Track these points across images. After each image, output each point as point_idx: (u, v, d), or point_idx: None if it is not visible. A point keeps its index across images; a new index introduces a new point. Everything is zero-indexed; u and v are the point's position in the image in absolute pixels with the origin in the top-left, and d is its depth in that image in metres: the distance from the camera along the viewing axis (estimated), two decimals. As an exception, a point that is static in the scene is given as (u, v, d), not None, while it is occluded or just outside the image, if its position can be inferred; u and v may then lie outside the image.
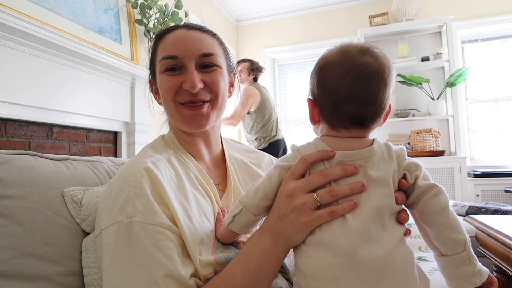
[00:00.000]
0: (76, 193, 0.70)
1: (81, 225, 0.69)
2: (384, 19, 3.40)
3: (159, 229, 0.54)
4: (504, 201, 2.91)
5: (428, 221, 0.53)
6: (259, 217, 0.57)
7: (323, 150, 0.53)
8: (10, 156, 0.66)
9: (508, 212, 1.87)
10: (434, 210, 0.52)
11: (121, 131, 2.15)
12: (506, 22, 3.22)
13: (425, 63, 3.24)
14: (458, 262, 0.51)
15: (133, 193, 0.56)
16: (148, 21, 2.29)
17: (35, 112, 1.57)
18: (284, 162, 0.57)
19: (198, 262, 0.55)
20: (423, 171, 0.54)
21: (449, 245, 0.51)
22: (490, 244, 1.23)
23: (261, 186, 0.57)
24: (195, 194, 0.64)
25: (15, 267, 0.58)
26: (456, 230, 0.51)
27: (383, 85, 0.53)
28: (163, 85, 0.67)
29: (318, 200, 0.51)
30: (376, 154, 0.53)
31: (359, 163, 0.52)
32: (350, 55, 0.54)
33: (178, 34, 0.69)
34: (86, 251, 0.67)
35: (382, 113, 0.55)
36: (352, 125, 0.54)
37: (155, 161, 0.62)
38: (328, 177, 0.52)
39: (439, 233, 0.52)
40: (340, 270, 0.47)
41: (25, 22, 1.42)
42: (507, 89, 3.31)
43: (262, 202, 0.56)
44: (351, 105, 0.53)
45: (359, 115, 0.53)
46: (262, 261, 0.53)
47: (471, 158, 3.33)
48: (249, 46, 4.13)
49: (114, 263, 0.53)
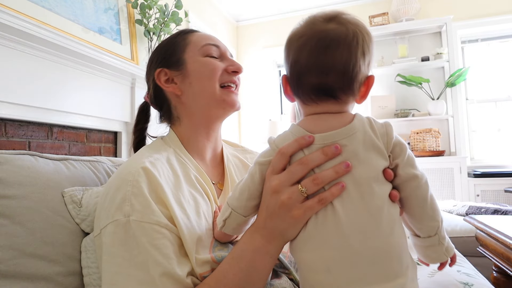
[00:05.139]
0: (76, 193, 0.70)
1: (81, 225, 0.69)
2: (384, 19, 3.40)
3: (156, 228, 0.54)
4: (504, 201, 2.90)
5: (406, 208, 0.53)
6: (249, 217, 0.56)
7: (300, 138, 0.50)
8: (10, 156, 0.66)
9: (508, 212, 1.87)
10: (413, 203, 0.52)
11: (121, 131, 2.15)
12: (506, 22, 3.22)
13: (425, 63, 3.24)
14: (429, 243, 0.53)
15: (131, 192, 0.56)
16: (148, 21, 2.29)
17: (35, 112, 1.57)
18: (263, 157, 0.54)
19: (195, 260, 0.55)
20: (406, 156, 0.51)
21: (423, 230, 0.53)
22: (490, 244, 1.23)
23: (245, 187, 0.55)
24: (193, 193, 0.64)
25: (15, 267, 0.58)
26: (431, 218, 0.52)
27: (350, 52, 0.49)
28: (208, 66, 0.70)
29: (303, 191, 0.49)
30: (358, 130, 0.50)
31: (342, 142, 0.49)
32: (313, 24, 0.53)
33: (207, 34, 0.76)
34: (86, 251, 0.67)
35: (353, 83, 0.51)
36: (319, 97, 0.52)
37: (153, 161, 0.62)
38: (309, 165, 0.49)
39: (415, 220, 0.53)
40: (333, 262, 0.47)
41: (25, 22, 1.42)
42: (507, 89, 3.31)
43: (249, 202, 0.54)
44: (312, 75, 0.51)
45: (323, 86, 0.51)
46: (254, 260, 0.53)
47: (471, 158, 3.33)
48: (249, 46, 4.13)
49: (111, 262, 0.53)
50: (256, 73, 4.03)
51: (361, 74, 0.51)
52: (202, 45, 0.71)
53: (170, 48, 0.73)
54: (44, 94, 1.58)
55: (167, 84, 0.72)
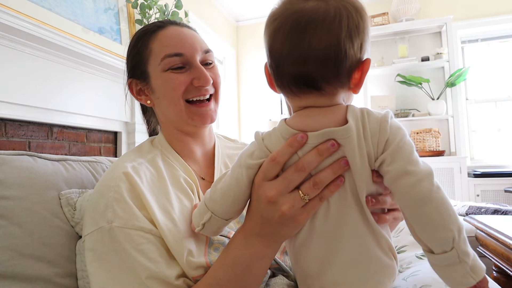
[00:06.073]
0: (72, 196, 0.70)
1: (75, 228, 0.70)
2: (384, 19, 3.40)
3: (140, 233, 0.55)
4: (504, 201, 2.90)
5: (405, 214, 0.44)
6: (231, 220, 0.54)
7: (292, 140, 0.46)
8: (9, 157, 0.66)
9: (508, 212, 1.87)
10: (409, 206, 0.43)
11: (121, 131, 2.15)
12: (506, 22, 3.22)
13: (425, 63, 3.24)
14: (446, 261, 0.42)
15: (113, 198, 0.56)
16: (148, 21, 2.29)
17: (35, 112, 1.57)
18: (250, 159, 0.49)
19: (185, 262, 0.55)
20: (395, 146, 0.43)
21: (434, 243, 0.42)
22: (490, 244, 1.23)
23: (229, 191, 0.51)
24: (179, 196, 0.63)
25: (13, 268, 0.58)
26: (441, 226, 0.41)
27: (331, 35, 0.42)
28: (169, 83, 0.65)
29: (306, 198, 0.46)
30: (353, 132, 0.44)
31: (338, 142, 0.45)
32: (290, 3, 0.45)
33: (174, 31, 0.67)
34: (79, 254, 0.67)
35: (338, 71, 0.44)
36: (300, 89, 0.45)
37: (136, 166, 0.62)
38: (306, 170, 0.46)
39: (421, 229, 0.43)
40: (323, 265, 0.49)
41: (25, 22, 1.41)
42: (507, 89, 3.30)
43: (233, 207, 0.52)
44: (289, 65, 0.44)
45: (303, 76, 0.44)
46: (251, 264, 0.52)
47: (471, 158, 3.32)
48: (249, 46, 4.12)
49: (102, 267, 0.54)
50: (256, 73, 4.03)
51: (349, 60, 0.43)
52: (161, 57, 0.65)
53: (135, 57, 0.70)
54: (44, 94, 1.58)
55: (139, 96, 0.72)
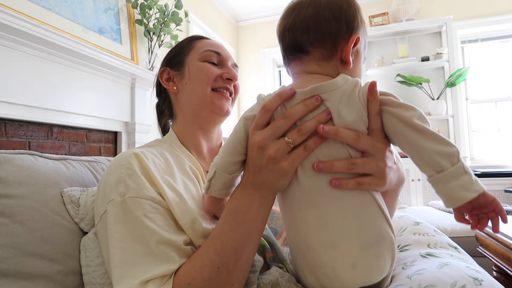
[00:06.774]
0: (74, 193, 0.71)
1: (80, 225, 0.70)
2: (384, 19, 3.40)
3: (150, 203, 0.58)
4: (504, 201, 2.90)
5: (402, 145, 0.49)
6: (234, 175, 0.56)
7: (281, 92, 0.51)
8: (10, 155, 0.66)
9: (508, 212, 1.88)
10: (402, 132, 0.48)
11: (121, 131, 2.15)
12: (506, 22, 3.22)
13: (425, 63, 3.24)
14: (455, 173, 0.46)
15: (125, 174, 0.60)
16: (148, 21, 2.30)
17: (35, 112, 1.57)
18: (249, 112, 0.55)
19: (192, 230, 0.58)
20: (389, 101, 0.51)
21: (445, 157, 0.46)
22: (490, 244, 1.23)
23: (228, 144, 0.55)
24: (185, 181, 0.67)
25: (15, 266, 0.58)
26: (443, 143, 0.46)
27: (316, 10, 0.54)
28: (204, 70, 0.75)
29: (290, 142, 0.50)
30: (340, 87, 0.50)
31: (323, 96, 0.50)
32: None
33: (216, 42, 0.81)
34: (85, 250, 0.67)
35: (321, 37, 0.54)
36: (293, 55, 0.57)
37: (144, 151, 0.67)
38: (292, 118, 0.50)
39: (427, 152, 0.46)
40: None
41: (25, 22, 1.42)
42: (507, 89, 3.31)
43: (232, 157, 0.55)
44: (284, 37, 0.57)
45: (294, 42, 0.56)
46: (250, 212, 0.54)
47: (471, 158, 3.33)
48: (249, 46, 4.13)
49: (114, 238, 0.56)
50: (256, 73, 4.03)
51: (328, 27, 0.54)
52: (203, 50, 0.77)
53: (176, 51, 0.81)
54: (44, 94, 1.58)
55: (166, 82, 0.80)
